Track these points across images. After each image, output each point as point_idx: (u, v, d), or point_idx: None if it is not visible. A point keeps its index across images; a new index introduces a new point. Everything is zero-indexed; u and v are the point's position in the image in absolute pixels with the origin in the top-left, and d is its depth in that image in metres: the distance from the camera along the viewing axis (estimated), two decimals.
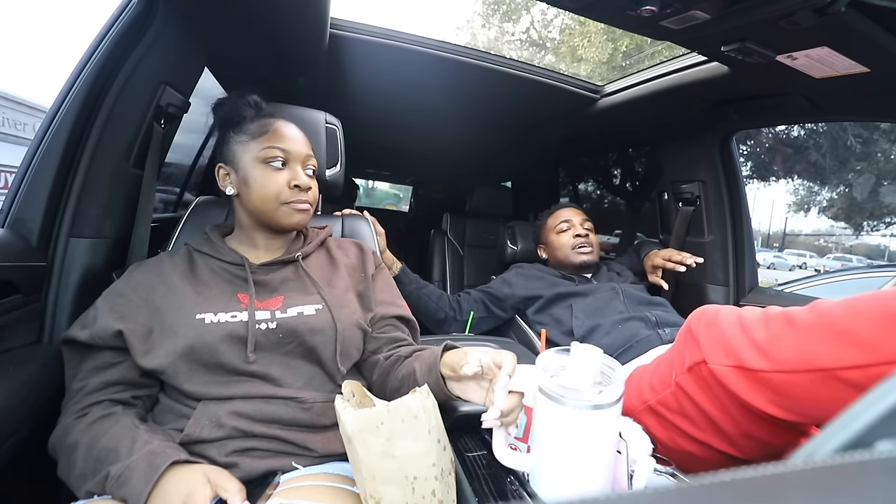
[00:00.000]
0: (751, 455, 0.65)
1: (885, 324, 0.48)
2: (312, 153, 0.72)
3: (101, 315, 0.59)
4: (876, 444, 0.15)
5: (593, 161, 2.49)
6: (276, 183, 0.67)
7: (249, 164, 0.67)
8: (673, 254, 1.26)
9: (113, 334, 0.57)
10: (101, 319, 0.58)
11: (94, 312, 0.59)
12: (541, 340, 1.16)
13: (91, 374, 0.58)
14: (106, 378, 0.57)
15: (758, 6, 0.65)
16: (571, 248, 1.32)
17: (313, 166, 0.72)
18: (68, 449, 0.53)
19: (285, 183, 0.67)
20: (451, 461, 0.54)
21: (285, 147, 0.68)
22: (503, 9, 11.15)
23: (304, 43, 1.03)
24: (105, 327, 0.57)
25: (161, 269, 0.65)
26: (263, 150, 0.67)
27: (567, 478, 0.47)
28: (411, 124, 1.87)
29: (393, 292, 0.78)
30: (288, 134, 0.69)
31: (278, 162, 0.67)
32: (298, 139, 0.71)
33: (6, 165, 5.32)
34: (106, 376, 0.57)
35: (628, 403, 0.78)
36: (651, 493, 0.13)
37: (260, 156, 0.67)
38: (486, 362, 0.53)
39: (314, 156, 0.72)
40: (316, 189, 0.72)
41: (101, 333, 0.57)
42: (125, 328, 0.57)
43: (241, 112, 0.71)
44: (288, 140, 0.69)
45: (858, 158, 6.54)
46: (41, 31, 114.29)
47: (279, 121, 0.71)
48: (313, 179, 0.72)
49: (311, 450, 0.60)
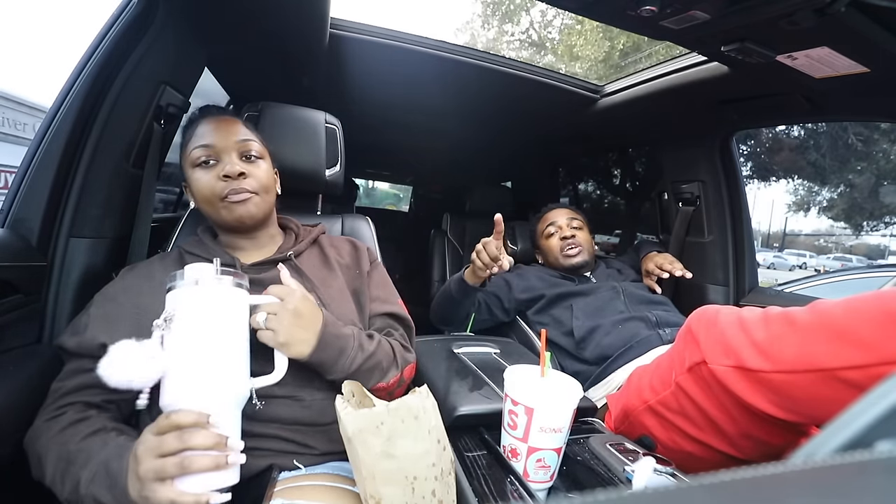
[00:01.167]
0: (751, 455, 0.65)
1: (885, 324, 0.48)
2: (250, 137, 0.69)
3: (91, 323, 0.59)
4: (876, 444, 0.15)
5: (593, 161, 2.49)
6: (208, 181, 0.65)
7: (189, 172, 0.67)
8: (665, 262, 1.25)
9: (97, 347, 0.56)
10: (90, 329, 0.58)
11: (86, 319, 0.59)
12: (541, 340, 1.16)
13: (69, 376, 0.58)
14: (82, 380, 0.57)
15: (758, 6, 0.65)
16: (560, 250, 1.32)
17: (253, 152, 0.68)
18: (38, 454, 0.52)
19: (216, 178, 0.65)
20: (451, 461, 0.54)
21: (208, 142, 0.65)
22: (503, 9, 11.15)
23: (304, 43, 1.03)
24: (92, 339, 0.57)
25: (152, 272, 0.65)
26: (191, 153, 0.66)
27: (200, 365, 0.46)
28: (411, 124, 1.87)
29: (388, 289, 0.77)
30: (209, 129, 0.67)
31: (206, 159, 0.65)
32: (223, 130, 0.67)
33: (6, 165, 5.32)
34: (82, 378, 0.57)
35: (628, 403, 0.78)
36: (651, 493, 0.13)
37: (190, 160, 0.66)
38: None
39: (253, 139, 0.69)
40: (261, 172, 0.68)
41: (88, 345, 0.57)
42: (110, 340, 0.56)
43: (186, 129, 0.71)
44: (209, 135, 0.66)
45: (859, 158, 6.54)
46: (41, 31, 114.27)
47: (206, 118, 0.69)
48: (252, 163, 0.68)
49: (312, 448, 0.60)
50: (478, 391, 0.74)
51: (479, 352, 0.93)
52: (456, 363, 0.85)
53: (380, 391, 0.65)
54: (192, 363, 0.47)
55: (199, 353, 0.47)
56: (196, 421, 0.44)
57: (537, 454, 0.56)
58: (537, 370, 0.62)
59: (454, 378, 0.78)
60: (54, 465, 0.50)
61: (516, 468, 0.57)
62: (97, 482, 0.46)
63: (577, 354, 1.10)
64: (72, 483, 0.48)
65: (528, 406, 0.55)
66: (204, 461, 0.42)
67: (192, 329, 0.47)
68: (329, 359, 0.59)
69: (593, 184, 2.81)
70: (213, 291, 0.49)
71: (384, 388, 0.65)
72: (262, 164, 0.69)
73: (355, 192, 3.24)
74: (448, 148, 2.27)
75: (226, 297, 0.50)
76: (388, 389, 0.65)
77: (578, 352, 1.09)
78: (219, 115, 0.71)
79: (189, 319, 0.48)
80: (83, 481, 0.47)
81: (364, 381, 0.61)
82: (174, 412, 0.44)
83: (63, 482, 0.49)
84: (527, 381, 0.59)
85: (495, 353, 0.93)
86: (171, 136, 0.97)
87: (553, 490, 0.59)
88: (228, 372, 0.48)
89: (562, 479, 0.61)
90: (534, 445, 0.56)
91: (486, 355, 0.92)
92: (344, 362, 0.60)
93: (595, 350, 1.06)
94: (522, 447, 0.57)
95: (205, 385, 0.46)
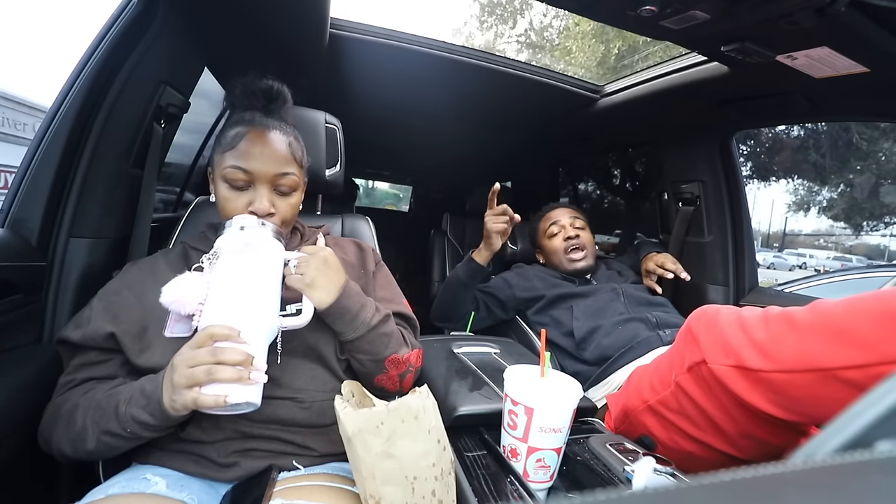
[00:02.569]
0: (751, 455, 0.65)
1: (885, 323, 0.48)
2: (289, 169, 0.65)
3: (95, 315, 0.59)
4: (876, 444, 0.15)
5: (593, 161, 2.49)
6: (235, 208, 0.63)
7: (218, 179, 0.64)
8: (667, 261, 1.25)
9: (105, 336, 0.57)
10: (95, 321, 0.58)
11: (89, 312, 0.59)
12: (541, 341, 1.16)
13: (77, 370, 0.58)
14: (92, 374, 0.58)
15: (758, 6, 0.65)
16: (564, 252, 1.32)
17: (287, 185, 0.66)
18: (66, 414, 0.54)
19: (243, 208, 0.63)
20: (451, 461, 0.54)
21: (249, 168, 0.62)
22: (498, 11, 11.15)
23: (304, 43, 1.03)
24: (98, 329, 0.57)
25: (156, 266, 0.65)
26: (226, 168, 0.62)
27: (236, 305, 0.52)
28: (411, 124, 1.87)
29: (392, 290, 0.78)
30: (255, 152, 0.63)
31: (239, 184, 0.63)
32: (268, 156, 0.63)
33: (6, 165, 5.32)
34: (92, 372, 0.58)
35: (628, 403, 0.78)
36: (651, 493, 0.13)
37: (223, 174, 0.63)
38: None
39: (291, 172, 0.66)
40: (289, 208, 0.67)
41: (93, 335, 0.57)
42: (118, 330, 0.57)
43: (237, 103, 0.68)
44: (254, 159, 0.62)
45: (859, 158, 6.54)
46: (41, 31, 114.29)
47: (251, 132, 0.64)
48: (284, 198, 0.66)
49: (312, 449, 0.60)
50: (478, 391, 0.74)
51: (479, 352, 0.93)
52: (456, 363, 0.85)
53: (391, 379, 0.66)
54: (231, 290, 0.53)
55: (238, 283, 0.54)
56: (228, 334, 0.49)
57: (537, 454, 0.56)
58: (537, 370, 0.63)
59: (454, 378, 0.78)
60: (83, 414, 0.53)
61: (516, 468, 0.57)
62: (133, 403, 0.51)
63: (577, 355, 1.10)
64: (107, 417, 0.51)
65: (528, 406, 0.55)
66: (229, 371, 0.47)
67: (234, 263, 0.55)
68: (352, 308, 0.62)
69: (593, 184, 2.81)
70: (255, 234, 0.57)
71: (399, 364, 0.66)
72: (293, 197, 0.67)
73: (355, 192, 3.23)
74: (448, 148, 2.27)
75: (265, 240, 0.58)
76: (400, 371, 0.66)
77: (578, 352, 1.09)
78: (266, 125, 0.66)
79: (232, 255, 0.55)
80: (121, 405, 0.51)
81: (381, 345, 0.64)
82: (211, 326, 0.50)
83: (95, 425, 0.52)
84: (527, 381, 0.59)
85: (495, 353, 0.93)
86: (171, 136, 0.97)
87: (553, 490, 0.59)
88: (261, 303, 0.54)
89: (562, 479, 0.61)
90: (534, 445, 0.56)
91: (486, 355, 0.92)
92: (365, 316, 0.63)
93: (595, 351, 1.06)
94: (522, 447, 0.57)
95: (240, 310, 0.52)
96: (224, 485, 0.56)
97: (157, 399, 0.49)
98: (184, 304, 0.53)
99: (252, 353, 0.50)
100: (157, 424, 0.50)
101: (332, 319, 0.61)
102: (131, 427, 0.50)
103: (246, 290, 0.53)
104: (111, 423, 0.51)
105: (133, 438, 0.52)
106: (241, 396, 0.47)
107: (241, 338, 0.49)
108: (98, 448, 0.52)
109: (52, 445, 0.55)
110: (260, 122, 0.66)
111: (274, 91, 0.70)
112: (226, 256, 0.55)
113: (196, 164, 1.59)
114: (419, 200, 3.79)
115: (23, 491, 0.66)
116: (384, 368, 0.65)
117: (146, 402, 0.50)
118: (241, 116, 0.67)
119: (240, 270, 0.54)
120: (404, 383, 0.68)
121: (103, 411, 0.52)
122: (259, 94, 0.69)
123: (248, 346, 0.50)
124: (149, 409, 0.50)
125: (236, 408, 0.49)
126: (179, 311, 0.54)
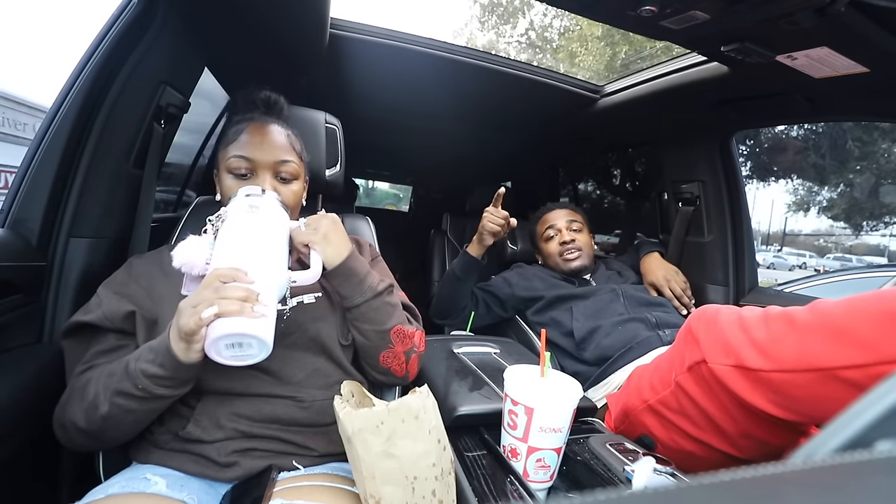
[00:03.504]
0: (751, 455, 0.65)
1: (885, 323, 0.48)
2: (289, 157, 0.68)
3: (106, 300, 0.59)
4: (876, 444, 0.15)
5: (593, 161, 2.49)
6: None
7: (222, 173, 0.67)
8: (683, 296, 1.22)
9: (124, 315, 0.57)
10: (109, 303, 0.58)
11: (98, 300, 0.59)
12: (541, 341, 1.16)
13: (95, 358, 0.57)
14: (110, 360, 0.57)
15: (758, 6, 0.65)
16: (559, 255, 1.32)
17: (287, 172, 0.68)
18: (80, 388, 0.53)
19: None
20: (451, 461, 0.54)
21: (249, 156, 0.65)
22: (499, 11, 11.15)
23: (304, 43, 1.03)
24: (115, 309, 0.57)
25: (162, 260, 0.65)
26: (229, 159, 0.65)
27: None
28: (411, 124, 1.87)
29: (389, 281, 0.78)
30: (255, 141, 0.66)
31: (242, 172, 0.65)
32: (268, 145, 0.66)
33: (6, 165, 5.32)
34: (111, 358, 0.57)
35: (628, 403, 0.78)
36: (651, 493, 0.13)
37: (227, 165, 0.66)
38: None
39: (291, 160, 0.68)
40: (290, 194, 0.68)
41: (111, 315, 0.57)
42: (137, 309, 0.58)
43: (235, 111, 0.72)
44: (254, 148, 0.65)
45: (858, 158, 6.54)
46: (42, 31, 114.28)
47: (252, 126, 0.67)
48: (286, 185, 0.68)
49: (311, 449, 0.60)
50: (478, 391, 0.74)
51: (479, 352, 0.93)
52: (456, 363, 0.85)
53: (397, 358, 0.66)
54: (237, 242, 0.54)
55: (245, 236, 0.54)
56: (234, 274, 0.48)
57: (537, 454, 0.56)
58: (537, 370, 0.63)
59: (454, 378, 0.78)
60: (96, 383, 0.53)
61: (516, 468, 0.57)
62: (142, 358, 0.51)
63: (577, 355, 1.10)
64: (118, 377, 0.51)
65: (528, 406, 0.55)
66: (230, 304, 0.46)
67: (241, 221, 0.56)
68: (361, 269, 0.63)
69: (593, 184, 2.81)
70: (261, 199, 0.59)
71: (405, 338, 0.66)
72: (293, 185, 0.69)
73: (355, 192, 3.23)
74: (448, 148, 2.26)
75: (271, 204, 0.60)
76: (405, 348, 0.66)
77: (578, 352, 1.09)
78: (266, 119, 0.70)
79: (238, 215, 0.56)
80: (130, 362, 0.51)
81: (386, 314, 0.65)
82: (217, 268, 0.49)
83: (107, 388, 0.51)
84: (527, 381, 0.59)
85: (495, 353, 0.93)
86: (171, 136, 0.97)
87: (553, 490, 0.59)
88: (268, 255, 0.54)
89: (562, 479, 0.61)
90: (534, 445, 0.56)
91: (486, 355, 0.92)
92: (372, 280, 0.64)
93: (595, 351, 1.06)
94: (522, 447, 0.57)
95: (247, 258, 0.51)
96: (224, 484, 0.56)
97: (164, 348, 0.49)
98: (193, 266, 0.54)
99: (259, 290, 0.48)
100: (166, 375, 0.49)
101: (340, 281, 0.62)
102: (142, 383, 0.49)
103: (252, 242, 0.54)
104: (123, 383, 0.50)
105: (146, 398, 0.50)
106: (244, 327, 0.45)
107: (248, 278, 0.49)
108: (111, 413, 0.51)
109: (66, 424, 0.53)
110: (259, 118, 0.70)
111: (272, 100, 0.75)
112: (232, 217, 0.56)
113: (196, 163, 1.59)
114: (419, 200, 3.79)
115: (23, 490, 0.66)
116: (389, 341, 0.65)
117: (154, 355, 0.50)
118: (242, 116, 0.71)
119: (246, 227, 0.55)
120: (410, 364, 0.67)
121: (114, 374, 0.52)
122: (259, 102, 0.74)
123: (255, 286, 0.49)
124: (158, 360, 0.49)
125: (245, 351, 0.47)
126: (191, 271, 0.55)
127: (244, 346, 0.47)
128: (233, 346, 0.47)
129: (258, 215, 0.57)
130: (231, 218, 0.56)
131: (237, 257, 0.51)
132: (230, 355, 0.47)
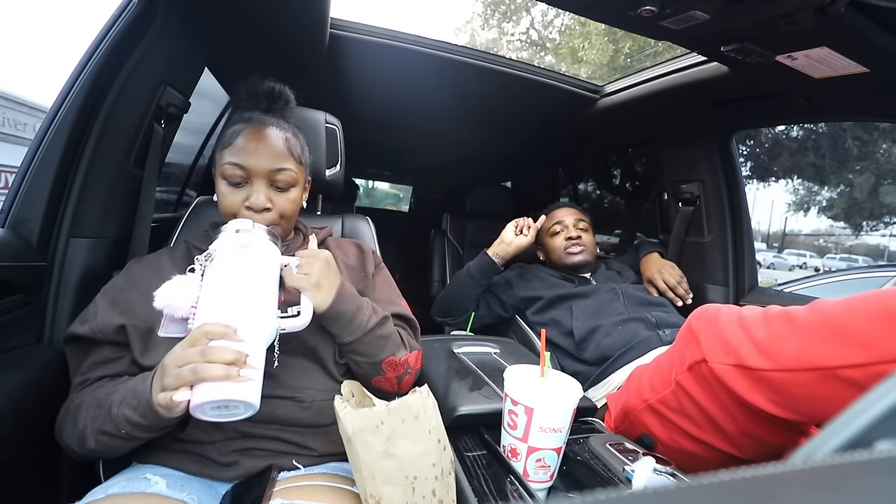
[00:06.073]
0: (751, 454, 0.65)
1: (885, 322, 0.48)
2: (286, 165, 0.65)
3: (101, 311, 0.59)
4: (876, 443, 0.15)
5: (593, 161, 2.49)
6: (232, 203, 0.63)
7: (217, 176, 0.65)
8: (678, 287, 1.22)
9: (115, 329, 0.57)
10: (102, 314, 0.58)
11: (95, 308, 0.59)
12: (541, 341, 1.16)
13: (91, 369, 0.58)
14: (106, 372, 0.57)
15: (758, 6, 0.65)
16: (563, 249, 1.32)
17: (283, 181, 0.65)
18: (73, 411, 0.54)
19: (240, 203, 0.63)
20: (451, 461, 0.54)
21: (244, 164, 0.63)
22: (502, 8, 11.14)
23: (304, 43, 1.03)
24: (107, 322, 0.57)
25: (161, 265, 0.65)
26: (224, 165, 0.63)
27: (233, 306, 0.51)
28: (411, 124, 1.87)
29: (392, 291, 0.78)
30: (251, 148, 0.63)
31: (237, 181, 0.63)
32: (263, 152, 0.64)
33: (6, 165, 5.32)
34: (106, 370, 0.58)
35: (628, 403, 0.78)
36: (651, 493, 0.13)
37: (222, 171, 0.64)
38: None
39: (288, 168, 0.65)
40: (287, 203, 0.66)
41: (103, 328, 0.57)
42: (128, 323, 0.58)
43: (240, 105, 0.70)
44: (249, 155, 0.63)
45: (858, 158, 6.54)
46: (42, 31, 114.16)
47: (248, 129, 0.65)
48: (282, 194, 0.66)
49: (311, 449, 0.60)
50: (478, 391, 0.74)
51: (479, 352, 0.93)
52: (456, 363, 0.85)
53: (389, 381, 0.66)
54: (226, 289, 0.51)
55: (234, 282, 0.52)
56: (224, 332, 0.46)
57: (537, 454, 0.56)
58: (537, 370, 0.63)
59: (454, 378, 0.78)
60: (86, 412, 0.52)
61: (516, 468, 0.57)
62: (125, 403, 0.50)
63: (577, 355, 1.10)
64: (103, 417, 0.50)
65: (528, 406, 0.55)
66: (217, 369, 0.44)
67: (230, 263, 0.53)
68: (349, 311, 0.61)
69: (593, 184, 2.81)
70: (251, 237, 0.57)
71: (397, 367, 0.66)
72: (290, 194, 0.67)
73: (355, 192, 3.24)
74: (448, 148, 2.26)
75: (262, 242, 0.57)
76: (397, 374, 0.66)
77: (578, 352, 1.09)
78: (263, 122, 0.67)
79: (228, 256, 0.54)
80: (114, 406, 0.50)
81: (378, 348, 0.63)
82: (206, 323, 0.47)
83: (94, 424, 0.51)
84: (527, 381, 0.59)
85: (495, 353, 0.93)
86: (171, 136, 0.97)
87: (553, 490, 0.59)
88: (257, 303, 0.52)
89: (562, 479, 0.61)
90: (534, 445, 0.56)
91: (486, 355, 0.92)
92: (362, 318, 0.62)
93: (595, 351, 1.06)
94: (522, 447, 0.57)
95: (236, 308, 0.50)
96: (224, 484, 0.56)
97: (146, 400, 0.48)
98: (177, 308, 0.52)
99: (248, 352, 0.47)
100: (148, 425, 0.49)
101: (329, 322, 0.61)
102: (125, 428, 0.49)
103: (242, 289, 0.52)
104: (107, 424, 0.50)
105: (130, 439, 0.51)
106: (230, 393, 0.44)
107: (237, 336, 0.47)
108: (98, 448, 0.52)
109: (62, 444, 0.55)
110: (258, 119, 0.67)
111: (276, 92, 0.72)
112: (221, 257, 0.54)
113: (196, 163, 1.59)
114: (419, 200, 3.79)
115: (23, 490, 0.66)
116: (381, 370, 0.65)
117: (136, 402, 0.49)
118: (240, 115, 0.68)
119: (235, 270, 0.53)
120: (402, 385, 0.68)
121: (100, 410, 0.51)
122: (261, 95, 0.71)
123: (244, 345, 0.47)
124: (139, 410, 0.48)
125: (231, 411, 0.46)
126: (173, 314, 0.53)
127: (230, 407, 0.46)
128: (218, 408, 0.46)
129: (248, 256, 0.54)
130: (219, 259, 0.53)
131: (225, 308, 0.49)
132: (215, 415, 0.46)
